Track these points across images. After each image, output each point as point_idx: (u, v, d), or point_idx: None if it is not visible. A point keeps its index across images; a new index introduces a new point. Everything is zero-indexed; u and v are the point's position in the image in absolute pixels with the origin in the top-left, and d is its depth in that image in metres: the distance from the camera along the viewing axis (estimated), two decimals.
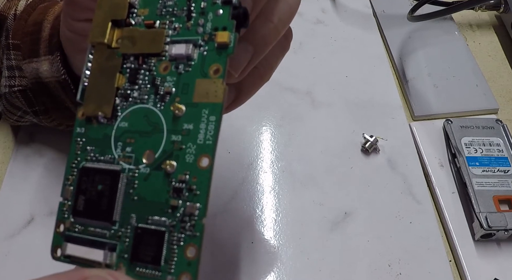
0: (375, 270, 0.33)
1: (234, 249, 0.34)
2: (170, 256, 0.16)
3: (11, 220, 0.35)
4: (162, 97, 0.18)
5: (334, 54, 0.46)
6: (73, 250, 0.18)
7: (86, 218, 0.18)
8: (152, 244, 0.16)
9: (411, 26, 0.48)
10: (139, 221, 0.17)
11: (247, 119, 0.41)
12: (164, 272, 0.16)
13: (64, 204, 0.18)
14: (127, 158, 0.18)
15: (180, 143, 0.17)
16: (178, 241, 0.16)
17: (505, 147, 0.37)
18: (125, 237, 0.17)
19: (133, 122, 0.18)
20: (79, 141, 0.19)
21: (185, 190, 0.16)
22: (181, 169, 0.17)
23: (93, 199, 0.18)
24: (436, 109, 0.42)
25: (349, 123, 0.41)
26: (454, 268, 0.33)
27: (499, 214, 0.33)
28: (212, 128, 0.16)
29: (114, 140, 0.18)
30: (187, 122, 0.17)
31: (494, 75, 0.45)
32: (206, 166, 0.16)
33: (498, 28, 0.50)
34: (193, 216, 0.16)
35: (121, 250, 0.17)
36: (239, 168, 0.38)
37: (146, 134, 0.18)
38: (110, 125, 0.18)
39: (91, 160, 0.18)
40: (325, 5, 0.51)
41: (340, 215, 0.35)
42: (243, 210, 0.35)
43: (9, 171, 0.38)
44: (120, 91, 0.18)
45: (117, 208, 0.17)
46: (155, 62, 0.18)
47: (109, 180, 0.17)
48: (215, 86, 0.17)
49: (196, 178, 0.16)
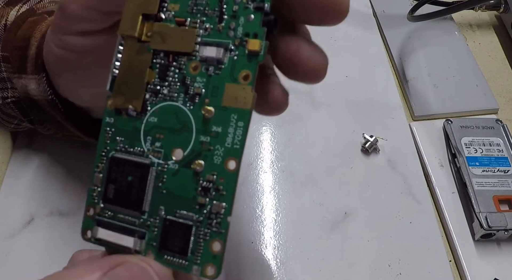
0: (375, 270, 0.33)
1: (234, 249, 0.34)
2: (196, 248, 0.17)
3: (11, 220, 0.35)
4: (192, 97, 0.18)
5: (334, 54, 0.46)
6: (104, 235, 0.18)
7: (116, 206, 0.18)
8: (179, 236, 0.17)
9: (411, 26, 0.48)
10: (168, 214, 0.18)
11: None
12: (190, 262, 0.17)
13: (94, 190, 0.19)
14: (156, 152, 0.18)
15: (208, 144, 0.17)
16: (205, 236, 0.17)
17: (505, 147, 0.37)
18: (154, 227, 0.18)
19: (162, 118, 0.18)
20: (109, 131, 0.19)
21: (212, 189, 0.17)
22: (209, 169, 0.17)
23: (123, 189, 0.18)
24: (436, 109, 0.42)
25: (349, 123, 0.41)
26: (454, 268, 0.33)
27: (499, 214, 0.33)
28: (240, 133, 0.17)
29: (143, 134, 0.18)
30: (216, 125, 0.17)
31: (494, 75, 0.45)
32: (233, 169, 0.17)
33: (498, 28, 0.50)
34: (219, 214, 0.17)
35: (150, 239, 0.18)
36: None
37: (175, 132, 0.18)
38: (140, 119, 0.19)
39: (120, 150, 0.19)
40: None
41: (340, 215, 0.35)
42: (243, 210, 0.35)
43: (9, 171, 0.38)
44: (150, 86, 0.19)
45: (146, 199, 0.18)
46: (185, 61, 0.18)
47: (139, 172, 0.18)
48: (244, 92, 0.17)
49: (223, 179, 0.17)
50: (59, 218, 0.35)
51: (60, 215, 0.35)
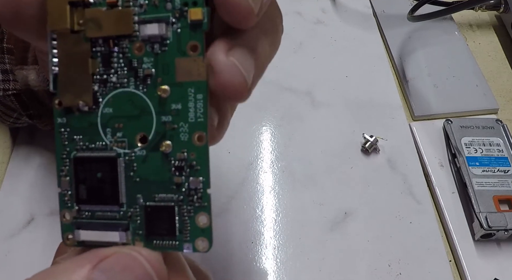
0: (375, 270, 0.33)
1: (234, 249, 0.34)
2: (183, 226, 0.17)
3: (11, 220, 0.35)
4: (143, 79, 0.17)
5: (334, 54, 0.46)
6: (87, 236, 0.18)
7: (92, 205, 0.18)
8: (164, 218, 0.17)
9: (411, 26, 0.48)
10: (147, 200, 0.17)
11: (247, 119, 0.41)
12: (180, 241, 0.17)
13: (64, 194, 0.18)
14: (120, 142, 0.18)
15: (171, 123, 0.17)
16: (189, 212, 0.17)
17: (505, 147, 0.37)
18: (136, 216, 0.18)
19: (117, 107, 0.18)
20: (64, 132, 0.18)
21: (186, 167, 0.17)
22: (177, 147, 0.17)
23: (95, 186, 0.18)
24: (436, 109, 0.42)
25: (349, 123, 0.41)
26: (454, 268, 0.33)
27: (499, 214, 0.33)
28: (201, 105, 0.17)
29: (101, 127, 0.18)
30: (174, 102, 0.17)
31: (494, 75, 0.45)
32: (202, 142, 0.17)
33: (498, 28, 0.50)
34: (198, 189, 0.17)
35: (135, 228, 0.18)
36: (239, 168, 0.38)
37: (134, 118, 0.17)
38: (94, 112, 0.18)
39: (82, 149, 0.18)
40: (325, 5, 0.51)
41: (340, 215, 0.35)
42: (243, 210, 0.35)
43: (9, 171, 0.38)
44: (96, 77, 0.18)
45: (121, 191, 0.18)
46: (127, 44, 0.17)
47: (107, 166, 0.18)
48: (196, 64, 0.17)
49: (194, 155, 0.17)
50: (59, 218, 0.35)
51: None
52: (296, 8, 0.50)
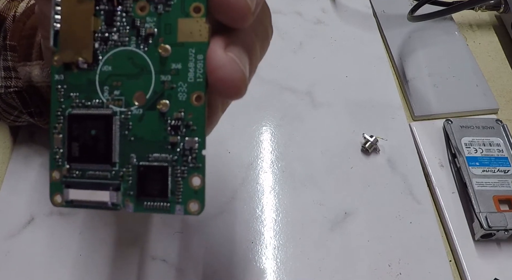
0: (375, 270, 0.33)
1: (234, 249, 0.34)
2: (176, 187, 0.17)
3: (11, 220, 0.35)
4: (145, 38, 0.17)
5: (334, 54, 0.46)
6: (76, 195, 0.18)
7: (84, 163, 0.18)
8: (157, 179, 0.17)
9: (411, 26, 0.48)
10: (140, 160, 0.17)
11: (247, 119, 0.41)
12: (172, 202, 0.17)
13: (56, 153, 0.18)
14: (116, 101, 0.18)
15: (170, 83, 0.17)
16: (182, 173, 0.17)
17: (505, 147, 0.37)
18: (128, 176, 0.17)
19: (117, 65, 0.18)
20: (60, 89, 0.18)
21: (182, 126, 0.17)
22: (175, 107, 0.17)
23: (88, 144, 0.18)
24: (436, 109, 0.42)
25: (349, 123, 0.41)
26: (454, 268, 0.33)
27: (499, 214, 0.33)
28: (201, 66, 0.17)
29: (99, 85, 0.18)
30: (174, 62, 0.17)
31: (494, 75, 0.45)
32: (200, 102, 0.17)
33: (498, 28, 0.50)
34: (193, 149, 0.17)
35: (126, 189, 0.17)
36: (239, 168, 0.38)
37: (133, 76, 0.17)
38: (92, 70, 0.18)
39: (77, 106, 0.18)
40: (325, 5, 0.51)
41: (340, 215, 0.35)
42: (243, 210, 0.35)
43: (9, 171, 0.38)
44: (97, 35, 0.18)
45: (115, 150, 0.17)
46: (131, 2, 0.18)
47: (102, 124, 0.18)
48: (198, 25, 0.17)
49: (191, 114, 0.17)
50: (59, 218, 0.35)
51: (60, 215, 0.35)
52: (296, 8, 0.50)
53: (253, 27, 0.19)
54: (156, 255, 0.33)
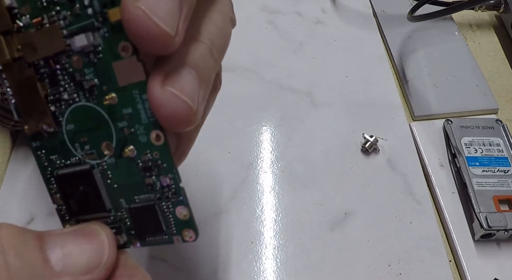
0: (375, 270, 0.33)
1: (234, 249, 0.34)
2: (167, 221, 0.18)
3: (11, 220, 0.35)
4: (90, 91, 0.17)
5: (334, 54, 0.46)
6: None
7: (85, 215, 0.19)
8: (148, 217, 0.18)
9: (411, 26, 0.48)
10: (129, 203, 0.18)
11: (247, 119, 0.41)
12: (169, 234, 0.18)
13: (60, 210, 0.20)
14: (90, 155, 0.18)
15: (128, 128, 0.17)
16: (168, 208, 0.18)
17: (505, 147, 0.37)
18: (125, 218, 0.19)
19: (77, 122, 0.18)
20: (41, 154, 0.19)
21: (153, 166, 0.17)
22: (140, 150, 0.17)
23: (81, 199, 0.19)
24: (436, 109, 0.42)
25: (349, 123, 0.41)
26: (454, 268, 0.33)
27: (499, 214, 0.33)
28: (149, 105, 0.17)
29: (70, 143, 0.18)
30: (124, 107, 0.17)
31: (494, 75, 0.45)
32: (161, 141, 0.17)
33: (498, 28, 0.50)
34: (170, 186, 0.18)
35: (127, 229, 0.19)
36: (239, 168, 0.38)
37: (95, 129, 0.18)
38: (59, 131, 0.18)
39: (60, 167, 0.19)
40: (325, 5, 0.51)
41: (340, 215, 0.35)
42: (243, 210, 0.35)
43: (9, 171, 0.38)
44: (50, 98, 0.18)
45: (105, 199, 0.18)
46: (65, 59, 0.17)
47: (85, 179, 0.18)
48: (132, 65, 0.16)
49: (157, 154, 0.17)
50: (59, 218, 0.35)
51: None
52: (296, 8, 0.50)
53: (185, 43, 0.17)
54: (156, 255, 0.33)
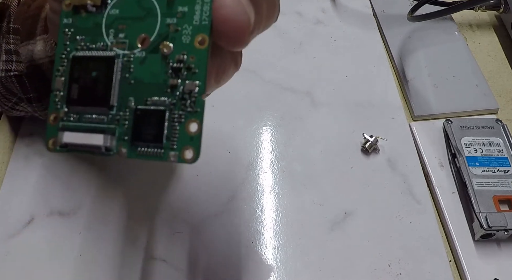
0: (375, 270, 0.33)
1: (234, 249, 0.34)
2: (172, 133, 0.16)
3: (11, 220, 0.35)
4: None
5: (334, 54, 0.46)
6: (70, 138, 0.18)
7: (82, 106, 0.18)
8: (152, 123, 0.17)
9: (411, 26, 0.48)
10: (138, 103, 0.17)
11: (247, 119, 0.41)
12: (166, 149, 0.16)
13: (56, 95, 0.18)
14: (120, 44, 0.18)
15: (175, 25, 0.17)
16: (180, 118, 0.16)
17: (505, 147, 0.37)
18: (124, 120, 0.17)
19: (124, 8, 0.18)
20: (67, 32, 0.18)
21: (184, 69, 0.17)
22: (178, 49, 0.17)
23: (87, 86, 0.18)
24: (436, 109, 0.42)
25: (349, 123, 0.41)
26: (454, 268, 0.33)
27: (499, 214, 0.33)
28: (207, 9, 0.17)
29: (105, 28, 0.18)
30: (181, 5, 0.17)
31: (494, 75, 0.45)
32: (204, 45, 0.16)
33: (498, 28, 0.50)
34: (193, 93, 0.16)
35: (121, 133, 0.17)
36: (239, 168, 0.38)
37: (139, 19, 0.17)
38: (100, 13, 0.18)
39: (82, 49, 0.18)
40: (325, 5, 0.51)
41: (340, 215, 0.35)
42: (243, 210, 0.35)
43: (9, 171, 0.38)
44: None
45: (114, 93, 0.17)
46: None
47: (103, 66, 0.17)
48: None
49: (194, 58, 0.17)
50: (59, 218, 0.35)
51: (60, 215, 0.35)
52: (296, 8, 0.50)
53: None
54: (156, 255, 0.33)
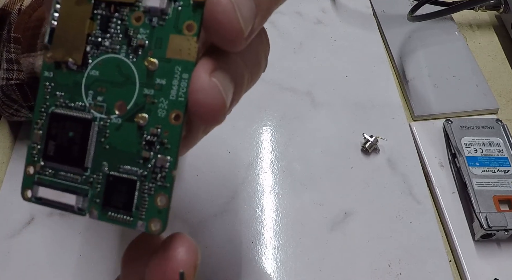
0: (375, 270, 0.33)
1: (234, 249, 0.34)
2: (141, 203, 0.17)
3: (11, 220, 0.35)
4: (135, 49, 0.17)
5: (334, 54, 0.46)
6: (45, 193, 0.18)
7: (57, 163, 0.18)
8: (123, 191, 0.17)
9: (411, 26, 0.48)
10: (111, 169, 0.17)
11: (247, 119, 0.41)
12: (135, 217, 0.17)
13: (33, 148, 0.18)
14: (98, 107, 0.18)
15: (152, 97, 0.17)
16: (150, 190, 0.17)
17: (505, 147, 0.37)
18: (97, 183, 0.17)
19: (104, 71, 0.18)
20: (48, 86, 0.18)
21: (157, 143, 0.17)
22: (153, 122, 0.17)
23: (64, 145, 0.18)
24: (436, 109, 0.42)
25: (349, 123, 0.41)
26: (454, 268, 0.33)
27: (499, 214, 0.33)
28: (184, 85, 0.17)
29: (84, 88, 0.18)
30: (160, 77, 0.17)
31: (494, 75, 0.45)
32: (178, 122, 0.17)
33: (498, 28, 0.50)
34: (164, 168, 0.17)
35: (93, 195, 0.17)
36: (239, 168, 0.38)
37: (118, 85, 0.18)
38: (81, 72, 0.18)
39: (61, 106, 0.18)
40: (325, 5, 0.51)
41: (340, 215, 0.35)
42: (243, 210, 0.35)
43: (9, 171, 0.38)
44: (91, 38, 0.18)
45: (88, 155, 0.18)
46: (127, 12, 0.18)
47: (80, 127, 0.18)
48: (188, 44, 0.17)
49: (167, 133, 0.17)
50: (59, 218, 0.35)
51: (60, 215, 0.35)
52: (296, 8, 0.50)
53: (245, 57, 0.18)
54: None
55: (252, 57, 0.19)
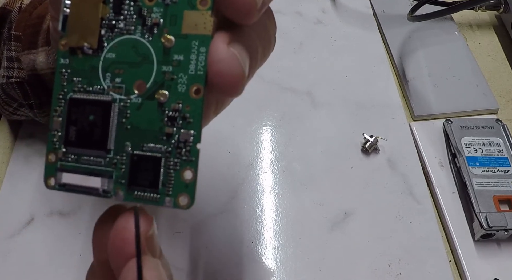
0: (375, 270, 0.33)
1: (234, 249, 0.34)
2: (167, 179, 0.17)
3: (11, 220, 0.35)
4: (150, 28, 0.18)
5: (334, 54, 0.46)
6: (69, 179, 0.18)
7: (79, 148, 0.18)
8: (149, 169, 0.17)
9: (411, 26, 0.48)
10: (134, 149, 0.17)
11: (247, 119, 0.41)
12: (162, 194, 0.17)
13: (54, 135, 0.18)
14: (117, 88, 0.18)
15: (171, 74, 0.17)
16: (175, 166, 0.17)
17: (505, 147, 0.37)
18: (121, 164, 0.17)
19: (120, 53, 0.18)
20: (64, 72, 0.19)
21: (179, 118, 0.17)
22: (173, 98, 0.17)
23: (85, 129, 0.18)
24: (436, 109, 0.42)
25: (349, 123, 0.41)
26: (454, 268, 0.33)
27: (499, 214, 0.33)
28: (202, 59, 0.17)
29: (102, 71, 0.18)
30: (177, 53, 0.17)
31: (494, 75, 0.45)
32: (198, 95, 0.17)
33: (498, 28, 0.50)
34: (188, 142, 0.17)
35: (118, 177, 0.17)
36: (239, 168, 0.38)
37: (135, 65, 0.18)
38: (97, 56, 0.18)
39: (79, 91, 0.18)
40: (325, 5, 0.51)
41: (340, 215, 0.35)
42: (243, 210, 0.35)
43: (9, 171, 0.38)
44: (104, 22, 0.18)
45: (111, 137, 0.18)
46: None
47: (100, 110, 0.18)
48: (203, 18, 0.17)
49: (189, 107, 0.17)
50: (59, 218, 0.35)
51: (60, 215, 0.35)
52: (296, 8, 0.50)
53: (257, 31, 0.19)
54: None
55: (263, 31, 0.19)
